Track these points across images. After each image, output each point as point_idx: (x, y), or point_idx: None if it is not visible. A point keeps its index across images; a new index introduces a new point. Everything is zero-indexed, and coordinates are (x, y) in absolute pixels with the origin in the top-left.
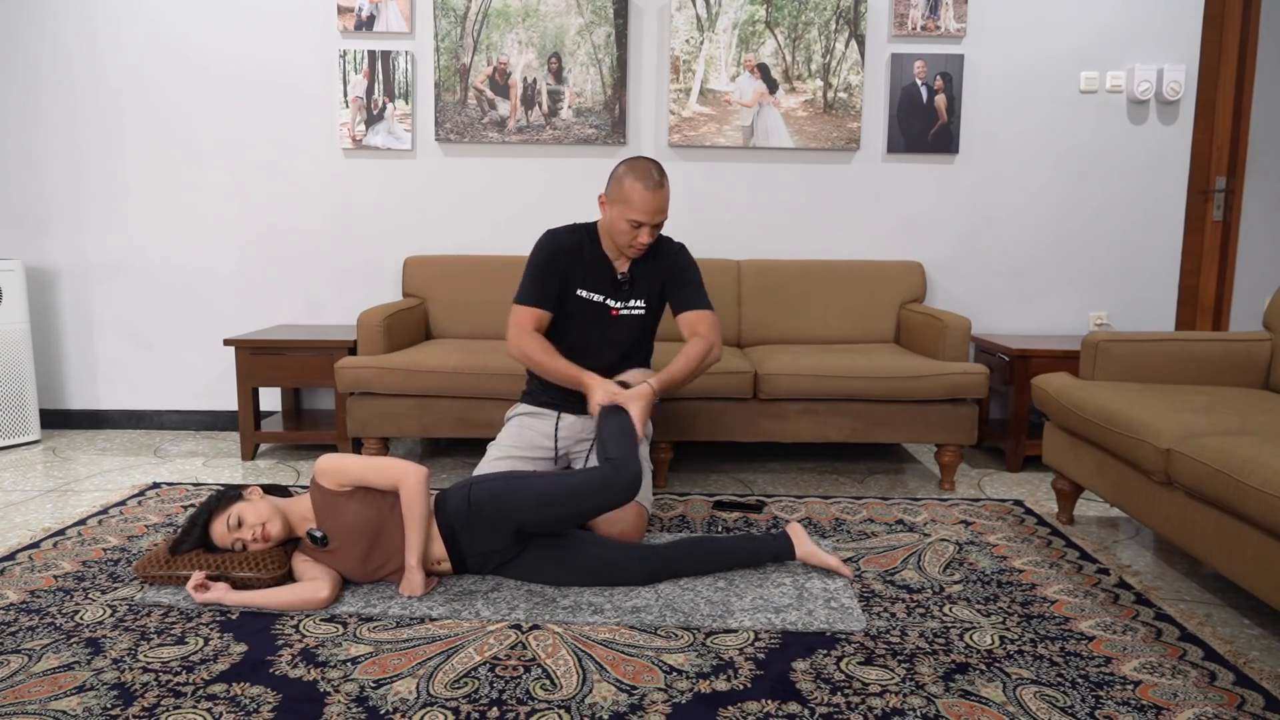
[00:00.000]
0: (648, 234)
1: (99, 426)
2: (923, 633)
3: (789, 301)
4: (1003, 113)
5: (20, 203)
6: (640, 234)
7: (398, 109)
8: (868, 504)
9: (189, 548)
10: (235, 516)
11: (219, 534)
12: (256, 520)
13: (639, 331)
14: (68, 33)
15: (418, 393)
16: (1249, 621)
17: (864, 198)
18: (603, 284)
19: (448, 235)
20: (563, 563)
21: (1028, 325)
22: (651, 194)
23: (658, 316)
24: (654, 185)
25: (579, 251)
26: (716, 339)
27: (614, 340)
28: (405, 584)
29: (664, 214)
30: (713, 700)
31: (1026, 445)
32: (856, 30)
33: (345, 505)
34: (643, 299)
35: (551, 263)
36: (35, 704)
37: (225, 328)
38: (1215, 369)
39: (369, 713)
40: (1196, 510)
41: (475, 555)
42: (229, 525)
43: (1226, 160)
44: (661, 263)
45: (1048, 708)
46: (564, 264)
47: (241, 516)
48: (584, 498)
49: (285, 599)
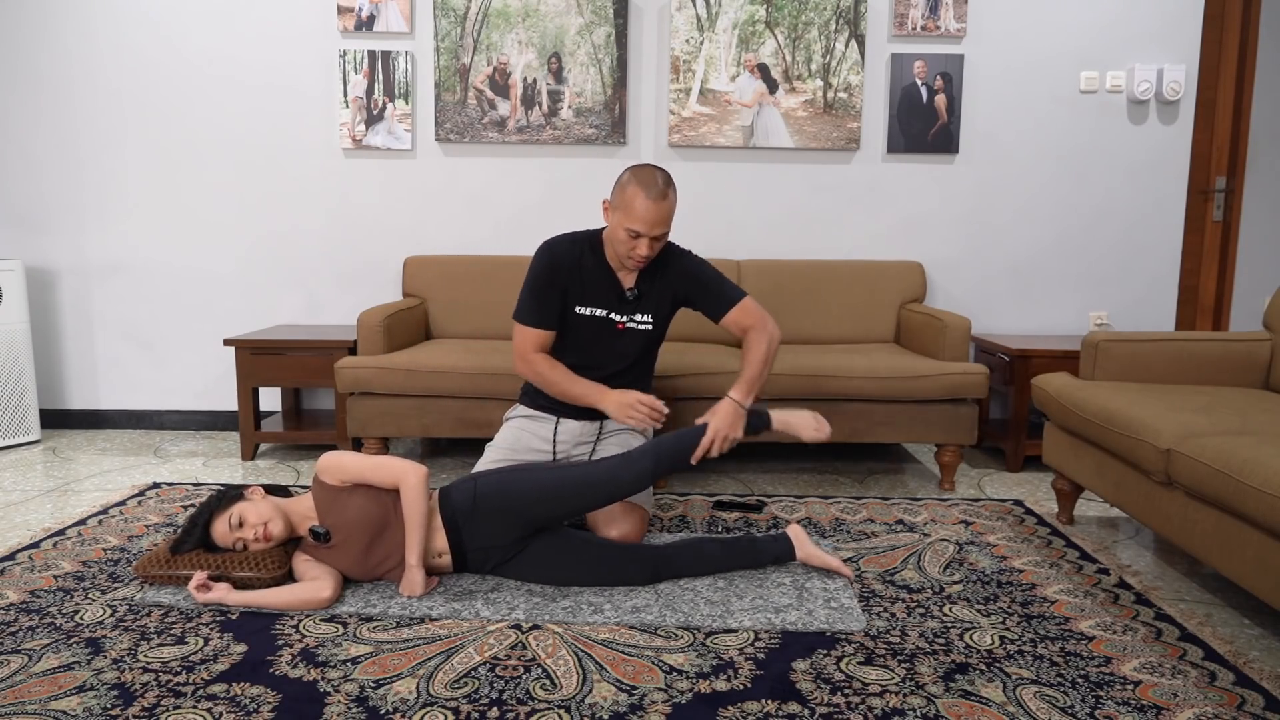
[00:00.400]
0: (646, 246)
1: (99, 426)
2: (923, 633)
3: (789, 301)
4: (1003, 113)
5: (20, 203)
6: (639, 245)
7: (398, 109)
8: (868, 504)
9: (190, 547)
10: (237, 516)
11: (220, 533)
12: (258, 520)
13: (643, 347)
14: (67, 33)
15: (418, 393)
16: (1249, 621)
17: (864, 198)
18: (606, 298)
19: (448, 235)
20: (563, 563)
21: (1028, 325)
22: (654, 204)
23: (664, 331)
24: (657, 195)
25: (578, 265)
26: (767, 323)
27: (620, 354)
28: (405, 583)
29: (665, 226)
30: (713, 700)
31: (1026, 445)
32: (856, 30)
33: (348, 500)
34: (650, 313)
35: (551, 279)
36: (35, 704)
37: (225, 328)
38: (1215, 369)
39: (369, 713)
40: (1196, 510)
41: (476, 550)
42: (230, 524)
43: (1226, 160)
44: (671, 274)
45: (1048, 708)
46: (563, 280)
47: (243, 516)
48: (588, 489)
49: (287, 599)
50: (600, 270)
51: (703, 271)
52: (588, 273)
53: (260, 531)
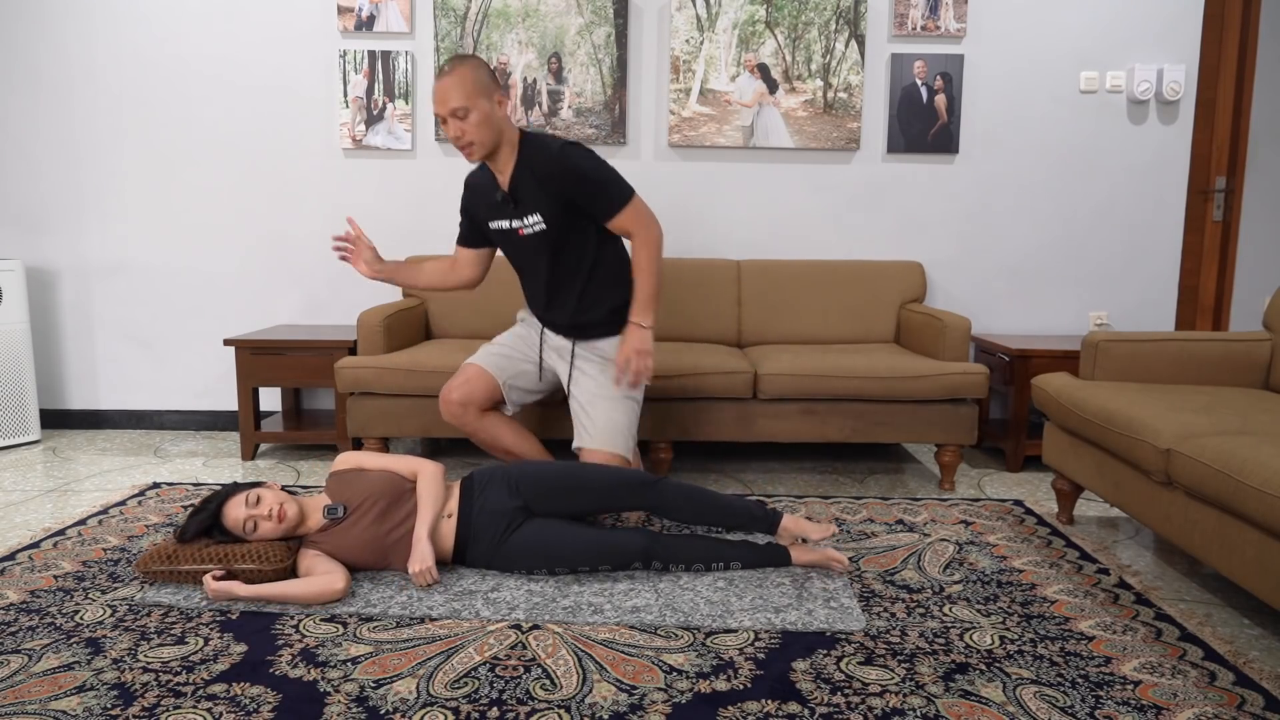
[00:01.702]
0: (453, 128)
1: (99, 426)
2: (923, 633)
3: (789, 301)
4: (1003, 113)
5: (20, 203)
6: (449, 129)
7: (398, 109)
8: (868, 504)
9: (195, 527)
10: (255, 495)
11: (233, 511)
12: (275, 500)
13: (551, 249)
14: (67, 33)
15: (418, 393)
16: (1249, 621)
17: (864, 198)
18: (501, 209)
19: (448, 235)
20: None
21: (1028, 325)
22: (437, 84)
23: (573, 229)
24: (441, 74)
25: (479, 184)
26: (650, 228)
27: (543, 262)
28: (414, 556)
29: (459, 102)
30: (713, 700)
31: (1026, 445)
32: (856, 30)
33: (363, 477)
34: (537, 213)
35: (465, 204)
36: (35, 704)
37: (225, 328)
38: (1215, 369)
39: (369, 713)
40: (1196, 510)
41: (484, 515)
42: (248, 502)
43: (1226, 160)
44: (541, 171)
45: (1048, 708)
46: (470, 201)
47: (260, 495)
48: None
49: (301, 590)
50: (491, 184)
51: (579, 166)
52: (484, 189)
53: (276, 510)
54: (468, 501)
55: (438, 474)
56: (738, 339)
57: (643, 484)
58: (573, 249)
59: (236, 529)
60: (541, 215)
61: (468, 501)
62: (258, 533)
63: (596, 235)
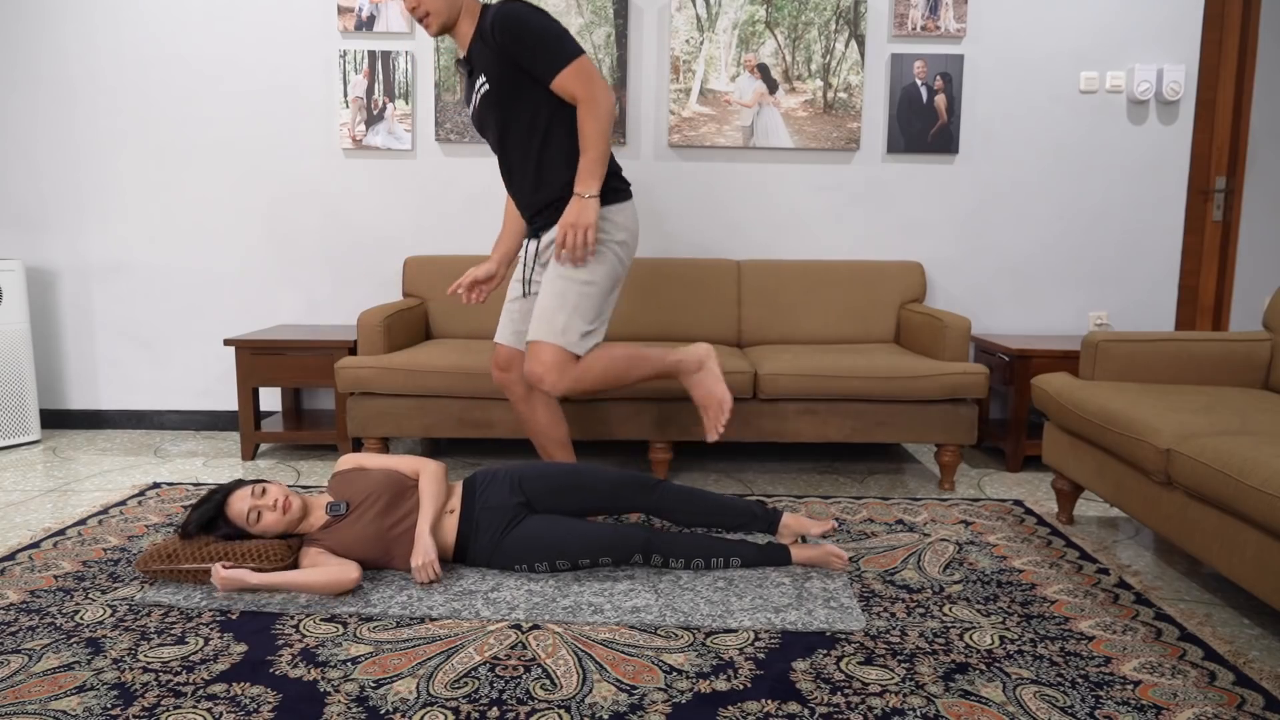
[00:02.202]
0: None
1: (99, 426)
2: (923, 633)
3: (789, 301)
4: (1002, 113)
5: (20, 203)
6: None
7: (398, 109)
8: (868, 504)
9: (199, 519)
10: (261, 487)
11: (238, 503)
12: (281, 492)
13: (499, 113)
14: (67, 33)
15: (418, 393)
16: (1249, 621)
17: (864, 198)
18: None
19: (448, 235)
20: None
21: (1028, 325)
22: None
23: (519, 93)
24: None
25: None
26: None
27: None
28: (416, 550)
29: None
30: (713, 700)
31: (1026, 445)
32: (856, 30)
33: (365, 475)
34: (483, 75)
35: None
36: (35, 704)
37: (225, 328)
38: (1215, 369)
39: (369, 713)
40: (1196, 510)
41: (485, 511)
42: (254, 493)
43: (1226, 160)
44: (487, 30)
45: (1048, 708)
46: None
47: (266, 487)
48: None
49: (314, 579)
50: None
51: (518, 15)
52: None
53: (281, 501)
54: (469, 499)
55: (440, 472)
56: (738, 339)
57: (644, 485)
58: (522, 117)
59: (240, 520)
60: (487, 76)
61: (469, 499)
62: (261, 523)
63: (548, 106)
